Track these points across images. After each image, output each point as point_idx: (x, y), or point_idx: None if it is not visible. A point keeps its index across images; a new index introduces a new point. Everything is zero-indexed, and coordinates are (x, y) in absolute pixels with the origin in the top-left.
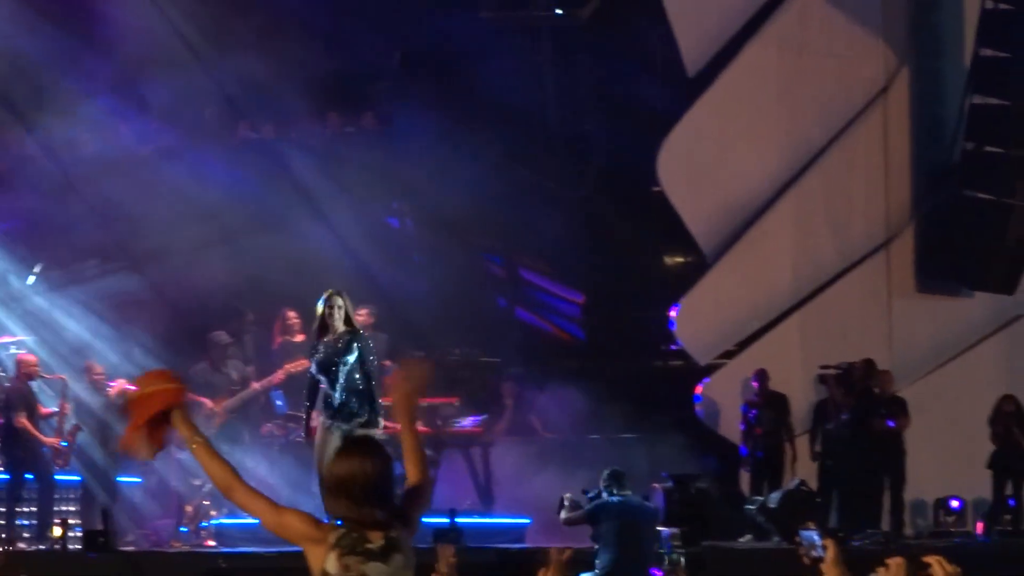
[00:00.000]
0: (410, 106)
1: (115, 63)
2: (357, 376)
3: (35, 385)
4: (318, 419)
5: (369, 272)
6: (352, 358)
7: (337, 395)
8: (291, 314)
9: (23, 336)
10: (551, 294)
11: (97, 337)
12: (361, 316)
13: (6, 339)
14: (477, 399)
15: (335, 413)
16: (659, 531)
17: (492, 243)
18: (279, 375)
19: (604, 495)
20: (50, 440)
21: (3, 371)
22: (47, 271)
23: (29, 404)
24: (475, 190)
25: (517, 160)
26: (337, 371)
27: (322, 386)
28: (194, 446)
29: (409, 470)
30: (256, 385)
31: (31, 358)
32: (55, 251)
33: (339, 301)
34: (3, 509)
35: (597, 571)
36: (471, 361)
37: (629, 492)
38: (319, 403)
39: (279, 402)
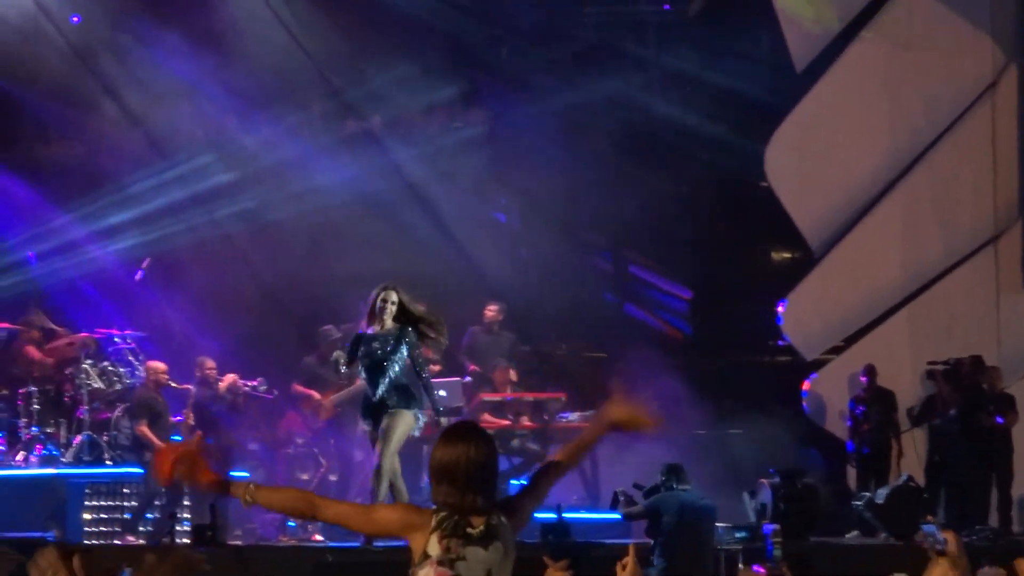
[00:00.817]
0: (517, 101)
1: (222, 53)
2: (400, 373)
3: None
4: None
5: (476, 267)
6: (399, 356)
7: (380, 392)
8: None
9: (139, 332)
10: (659, 290)
11: (206, 331)
12: (491, 312)
13: (115, 333)
14: (584, 394)
15: (370, 413)
16: (717, 527)
17: (600, 239)
18: None
19: (663, 489)
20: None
21: (124, 367)
22: (155, 265)
23: (153, 411)
24: (582, 186)
25: (623, 155)
26: (385, 370)
27: (360, 380)
28: (254, 495)
29: (561, 454)
30: (362, 381)
31: (159, 365)
32: (163, 244)
33: (393, 296)
34: (135, 504)
35: (656, 567)
36: (578, 356)
37: (689, 486)
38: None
39: None
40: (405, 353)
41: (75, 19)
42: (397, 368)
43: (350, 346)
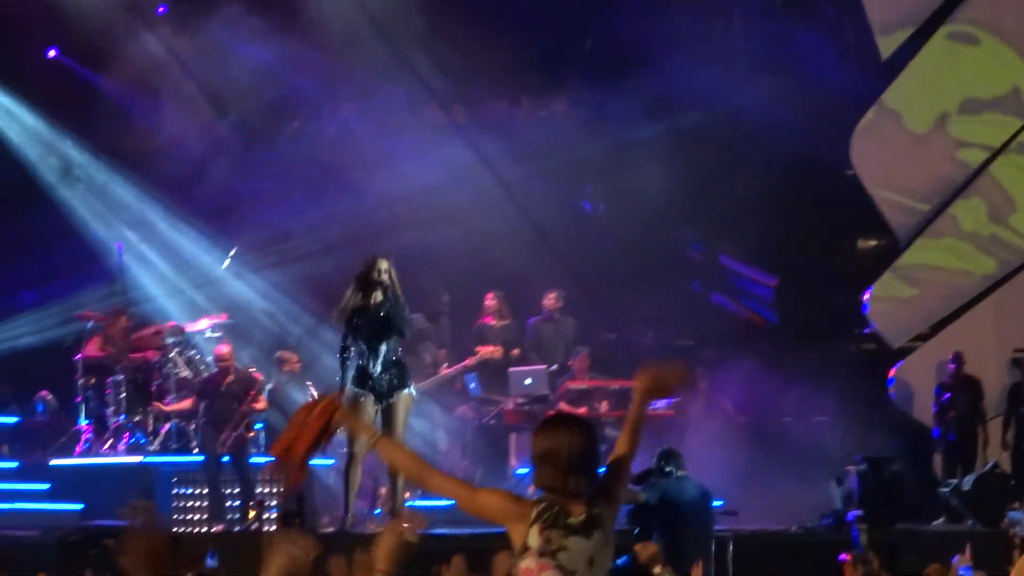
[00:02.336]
0: (602, 90)
1: (304, 39)
2: (395, 347)
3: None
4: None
5: (561, 256)
6: (393, 330)
7: (378, 368)
8: (490, 296)
9: (220, 320)
10: (745, 278)
11: (291, 320)
12: (550, 300)
13: (203, 324)
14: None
15: (368, 384)
16: (711, 513)
17: (685, 228)
18: (470, 361)
19: (656, 476)
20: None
21: (200, 354)
22: (241, 254)
23: (211, 396)
24: (667, 174)
25: (709, 144)
26: (379, 345)
27: (360, 359)
28: (377, 443)
29: (620, 442)
30: (447, 370)
31: (224, 350)
32: (249, 234)
33: (385, 264)
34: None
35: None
36: (664, 344)
37: (685, 472)
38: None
39: (472, 384)
40: (396, 327)
41: (161, 9)
42: (393, 341)
43: (345, 318)
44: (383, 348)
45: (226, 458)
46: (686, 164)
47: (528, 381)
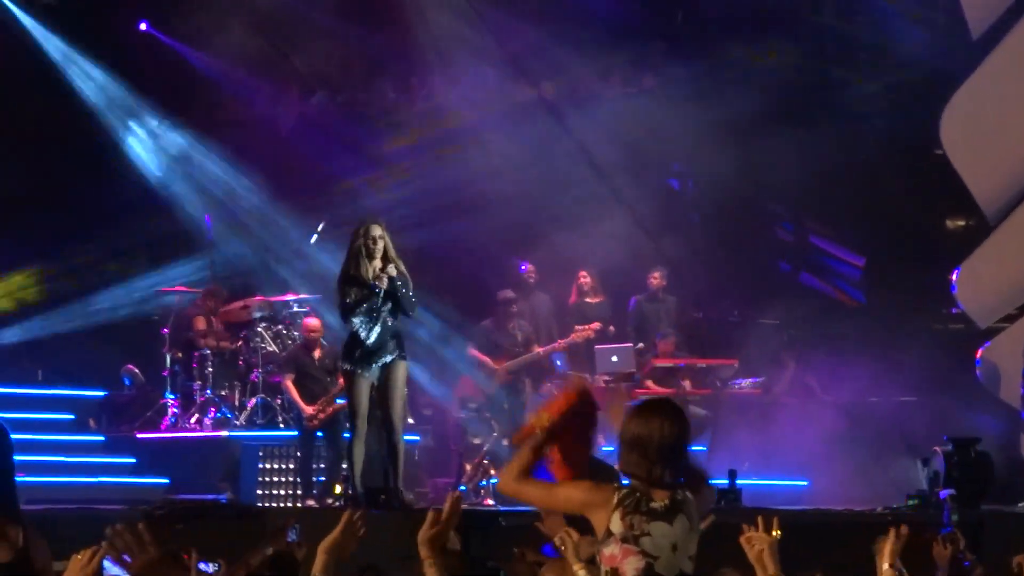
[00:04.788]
0: (691, 66)
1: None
2: (394, 318)
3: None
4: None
5: (650, 233)
6: (391, 301)
7: (374, 339)
8: (583, 274)
9: (307, 295)
10: (833, 257)
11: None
12: (655, 279)
13: (290, 297)
14: (756, 361)
15: (363, 357)
16: None
17: (775, 207)
18: (562, 343)
19: None
20: (308, 409)
21: (287, 329)
22: (329, 229)
23: (300, 369)
24: (755, 152)
25: (797, 122)
26: (379, 315)
27: (355, 329)
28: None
29: None
30: (539, 349)
31: (313, 323)
32: (336, 209)
33: (378, 231)
34: (293, 466)
35: None
36: (751, 323)
37: None
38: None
39: (559, 362)
40: (403, 300)
41: None
42: (390, 312)
43: (339, 288)
44: (381, 320)
45: (319, 433)
46: (774, 142)
47: (614, 359)
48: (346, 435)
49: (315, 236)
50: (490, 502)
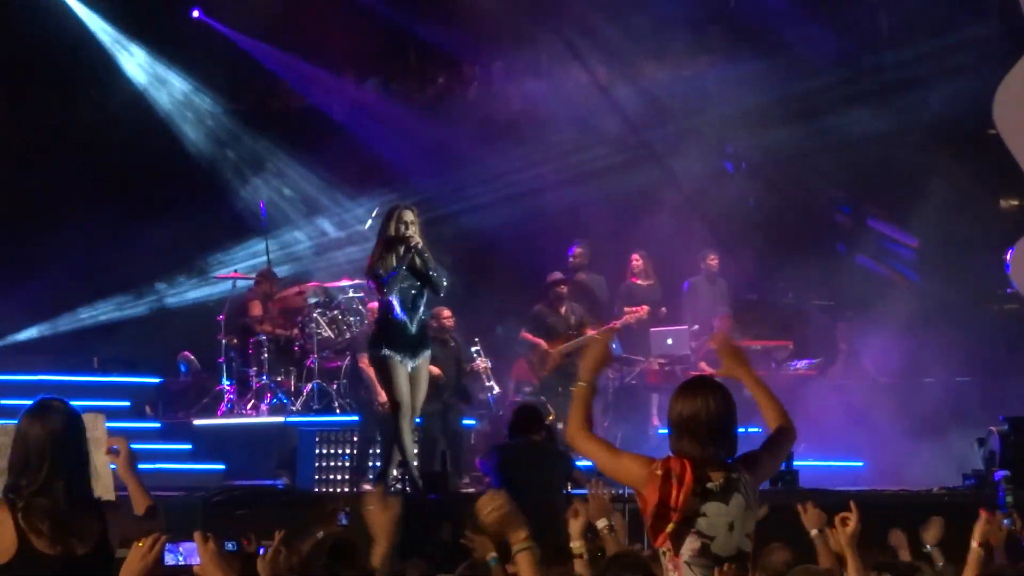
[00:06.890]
0: (745, 49)
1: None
2: (427, 305)
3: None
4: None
5: (703, 216)
6: (426, 286)
7: (414, 327)
8: (635, 257)
9: (362, 280)
10: (888, 238)
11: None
12: (713, 261)
13: (345, 282)
14: (811, 342)
15: (406, 346)
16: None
17: (830, 189)
18: (616, 324)
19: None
20: (383, 394)
21: (353, 316)
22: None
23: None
24: (809, 134)
25: (849, 102)
26: (419, 302)
27: (394, 316)
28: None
29: (769, 418)
30: (592, 332)
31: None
32: (391, 194)
33: (410, 215)
34: (355, 451)
35: None
36: (806, 305)
37: (535, 436)
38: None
39: (613, 344)
40: (435, 283)
41: None
42: (424, 298)
43: (374, 277)
44: (417, 306)
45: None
46: (827, 123)
47: (669, 341)
48: None
49: (369, 221)
50: None
